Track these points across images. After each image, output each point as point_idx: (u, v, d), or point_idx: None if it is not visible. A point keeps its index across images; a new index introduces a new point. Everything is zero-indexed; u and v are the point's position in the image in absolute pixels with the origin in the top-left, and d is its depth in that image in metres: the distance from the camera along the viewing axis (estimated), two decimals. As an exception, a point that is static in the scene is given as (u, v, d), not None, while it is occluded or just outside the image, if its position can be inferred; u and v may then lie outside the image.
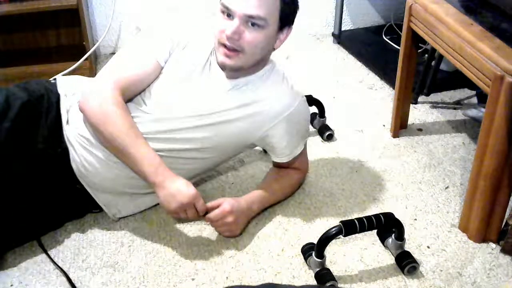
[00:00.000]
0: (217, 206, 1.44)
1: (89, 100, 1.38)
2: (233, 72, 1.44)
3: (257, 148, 1.73)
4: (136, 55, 1.46)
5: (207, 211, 1.43)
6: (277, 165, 1.62)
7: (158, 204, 1.57)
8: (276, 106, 1.47)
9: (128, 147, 1.35)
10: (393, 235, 1.42)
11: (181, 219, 1.42)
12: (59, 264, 1.42)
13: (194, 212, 1.38)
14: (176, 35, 1.47)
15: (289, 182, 1.63)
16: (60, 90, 1.52)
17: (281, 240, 1.50)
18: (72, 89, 1.53)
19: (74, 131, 1.45)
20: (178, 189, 1.35)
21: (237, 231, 1.49)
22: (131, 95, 1.45)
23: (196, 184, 1.59)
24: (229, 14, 1.34)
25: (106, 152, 1.41)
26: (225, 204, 1.44)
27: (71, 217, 1.55)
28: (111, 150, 1.39)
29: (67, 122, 1.47)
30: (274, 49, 1.45)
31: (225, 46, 1.36)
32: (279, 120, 1.48)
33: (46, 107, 1.47)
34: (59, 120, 1.47)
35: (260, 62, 1.45)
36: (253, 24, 1.34)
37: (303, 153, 1.61)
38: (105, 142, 1.39)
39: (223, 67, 1.42)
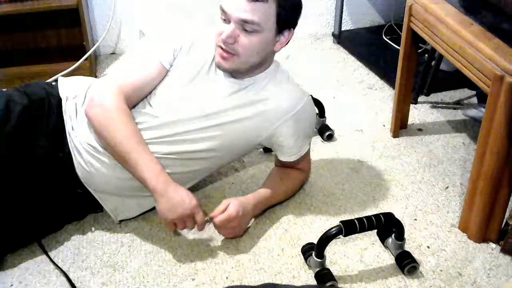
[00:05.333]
0: (223, 209, 1.44)
1: (93, 106, 1.39)
2: (235, 73, 1.44)
3: (257, 148, 1.73)
4: (139, 59, 1.47)
5: (207, 220, 1.42)
6: (281, 165, 1.62)
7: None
8: (283, 105, 1.47)
9: (130, 153, 1.35)
10: (393, 235, 1.42)
11: (175, 231, 1.43)
12: (59, 264, 1.42)
13: (193, 224, 1.38)
14: (180, 38, 1.47)
15: (292, 183, 1.63)
16: (61, 93, 1.52)
17: (281, 240, 1.50)
18: (73, 92, 1.53)
19: (79, 138, 1.45)
20: (179, 200, 1.35)
21: (240, 232, 1.50)
22: (136, 100, 1.45)
23: (196, 185, 1.59)
24: (225, 18, 1.35)
25: (113, 158, 1.41)
26: (231, 209, 1.43)
27: (72, 219, 1.55)
28: (114, 155, 1.40)
29: (72, 128, 1.47)
30: (274, 52, 1.45)
31: (221, 47, 1.37)
32: (286, 118, 1.48)
33: (47, 111, 1.47)
34: (60, 125, 1.47)
35: (262, 64, 1.45)
36: (247, 29, 1.34)
37: (307, 153, 1.62)
38: (108, 148, 1.39)
39: (219, 67, 1.42)
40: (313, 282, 1.36)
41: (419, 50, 1.87)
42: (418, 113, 2.08)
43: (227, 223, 1.44)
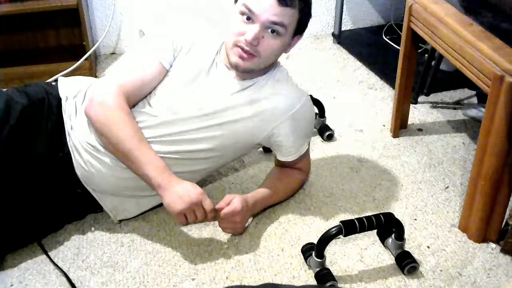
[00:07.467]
0: (228, 202, 1.44)
1: (94, 106, 1.39)
2: (243, 73, 1.44)
3: (257, 148, 1.73)
4: (139, 59, 1.47)
5: (215, 210, 1.42)
6: (281, 165, 1.62)
7: (160, 205, 1.57)
8: (282, 104, 1.48)
9: (133, 151, 1.35)
10: (393, 235, 1.42)
11: (187, 224, 1.42)
12: (59, 264, 1.42)
13: (202, 212, 1.36)
14: (180, 38, 1.47)
15: (292, 183, 1.63)
16: (61, 93, 1.52)
17: (281, 240, 1.50)
18: (73, 92, 1.53)
19: (79, 138, 1.45)
20: (185, 190, 1.34)
21: (240, 229, 1.50)
22: (136, 99, 1.45)
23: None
24: (249, 17, 1.35)
25: (113, 158, 1.41)
26: (237, 203, 1.43)
27: (72, 219, 1.55)
28: (116, 154, 1.39)
29: (71, 128, 1.47)
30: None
31: (241, 47, 1.37)
32: (285, 118, 1.48)
33: (47, 111, 1.47)
34: (60, 124, 1.47)
35: (271, 65, 1.48)
36: (272, 31, 1.36)
37: (307, 153, 1.62)
38: (110, 147, 1.39)
39: (235, 67, 1.42)
40: (313, 282, 1.36)
41: (419, 50, 1.87)
42: (418, 113, 2.08)
43: (231, 217, 1.44)
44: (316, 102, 1.92)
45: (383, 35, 2.61)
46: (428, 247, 1.48)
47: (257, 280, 1.39)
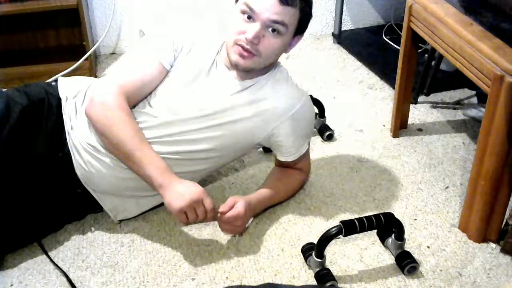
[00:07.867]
0: (231, 205, 1.43)
1: (94, 106, 1.39)
2: (243, 73, 1.44)
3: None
4: (140, 59, 1.47)
5: (217, 213, 1.42)
6: (281, 165, 1.62)
7: (160, 205, 1.57)
8: (282, 104, 1.48)
9: (134, 151, 1.35)
10: (393, 235, 1.42)
11: (188, 223, 1.42)
12: (59, 264, 1.42)
13: (203, 210, 1.35)
14: (180, 38, 1.47)
15: (292, 183, 1.63)
16: (60, 93, 1.52)
17: (281, 240, 1.50)
18: (73, 92, 1.53)
19: (79, 138, 1.44)
20: (186, 188, 1.34)
21: (241, 230, 1.50)
22: (136, 100, 1.45)
23: (196, 184, 1.59)
24: (250, 16, 1.36)
25: (113, 158, 1.41)
26: (240, 207, 1.43)
27: (72, 219, 1.55)
28: (117, 155, 1.39)
29: (71, 128, 1.47)
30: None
31: (241, 46, 1.37)
32: (285, 118, 1.48)
33: (46, 111, 1.47)
34: (60, 125, 1.47)
35: (271, 65, 1.48)
36: (273, 30, 1.36)
37: (307, 153, 1.62)
38: (111, 147, 1.39)
39: (235, 66, 1.42)
40: (313, 282, 1.36)
41: (419, 50, 1.87)
42: (418, 113, 2.08)
43: (233, 221, 1.43)
44: (316, 102, 1.92)
45: (383, 35, 2.61)
46: (428, 247, 1.48)
47: (257, 280, 1.39)
